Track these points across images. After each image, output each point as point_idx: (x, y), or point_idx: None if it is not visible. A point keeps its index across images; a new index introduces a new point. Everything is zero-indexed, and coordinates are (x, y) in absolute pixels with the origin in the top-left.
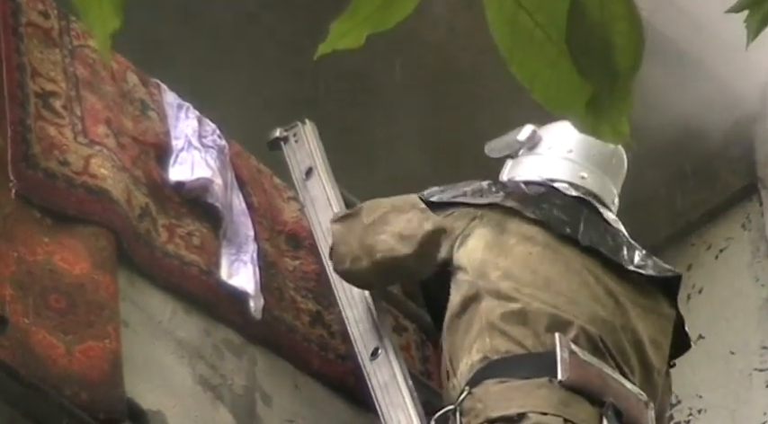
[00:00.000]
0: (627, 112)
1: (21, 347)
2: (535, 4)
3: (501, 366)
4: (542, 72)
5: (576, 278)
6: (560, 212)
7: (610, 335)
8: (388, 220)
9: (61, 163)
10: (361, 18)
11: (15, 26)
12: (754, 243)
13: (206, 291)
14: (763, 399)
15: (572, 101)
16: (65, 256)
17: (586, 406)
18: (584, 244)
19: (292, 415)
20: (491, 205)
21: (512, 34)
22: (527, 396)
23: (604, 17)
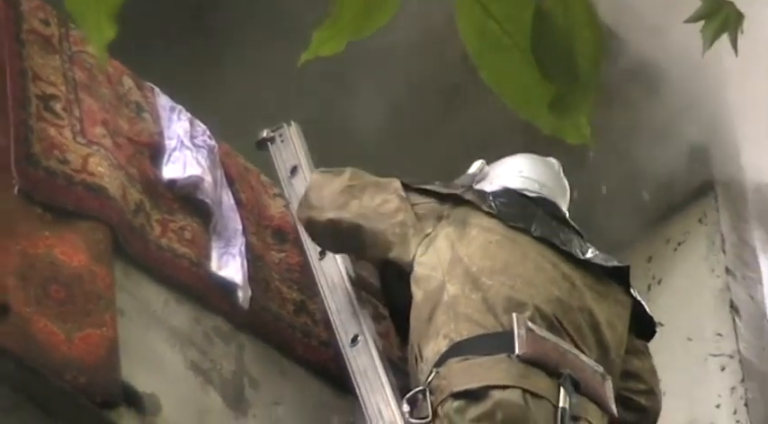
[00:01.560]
0: (588, 113)
1: (23, 334)
2: (502, 14)
3: (464, 346)
4: (509, 76)
5: (532, 264)
6: (514, 209)
7: (566, 314)
8: (368, 191)
9: (61, 161)
10: (342, 26)
11: (18, 33)
12: (710, 237)
13: (197, 282)
14: (717, 382)
15: (537, 102)
16: (64, 249)
17: (544, 378)
18: (536, 235)
19: (278, 398)
20: (453, 196)
21: (481, 41)
22: (488, 371)
23: (567, 25)
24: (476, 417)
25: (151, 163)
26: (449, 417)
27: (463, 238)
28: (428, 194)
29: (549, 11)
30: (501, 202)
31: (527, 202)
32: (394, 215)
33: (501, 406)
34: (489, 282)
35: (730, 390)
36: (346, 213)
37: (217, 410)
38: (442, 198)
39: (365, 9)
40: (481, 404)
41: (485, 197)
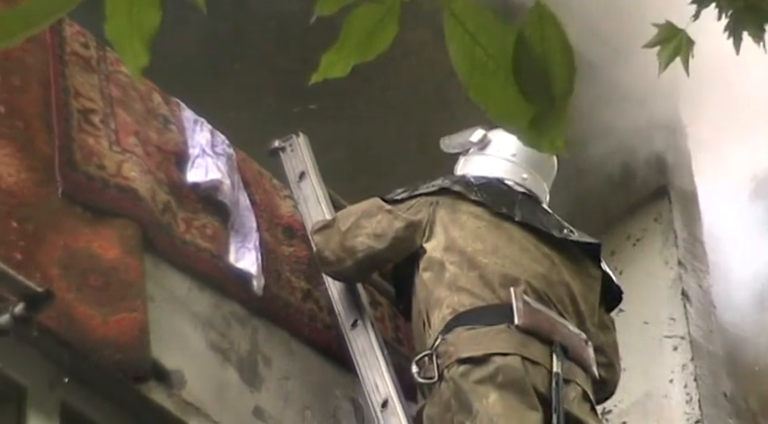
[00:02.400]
0: (563, 128)
1: (65, 317)
2: (487, 41)
3: (468, 316)
4: (494, 95)
5: (517, 246)
6: (497, 197)
7: (550, 288)
8: (361, 224)
9: (98, 167)
10: (348, 51)
11: (61, 55)
12: (665, 234)
13: (217, 272)
14: (670, 360)
15: (518, 119)
16: (101, 243)
17: (539, 345)
18: (518, 219)
19: (287, 374)
20: (441, 189)
21: (469, 64)
22: (491, 340)
23: (544, 50)
24: (479, 379)
25: (177, 168)
26: (454, 379)
27: (455, 222)
28: (416, 196)
29: (528, 38)
30: (485, 191)
31: (510, 191)
32: (389, 227)
33: (502, 370)
34: (485, 261)
35: (682, 367)
36: (360, 253)
37: (234, 384)
38: (430, 194)
39: (368, 36)
40: (484, 368)
41: (470, 186)
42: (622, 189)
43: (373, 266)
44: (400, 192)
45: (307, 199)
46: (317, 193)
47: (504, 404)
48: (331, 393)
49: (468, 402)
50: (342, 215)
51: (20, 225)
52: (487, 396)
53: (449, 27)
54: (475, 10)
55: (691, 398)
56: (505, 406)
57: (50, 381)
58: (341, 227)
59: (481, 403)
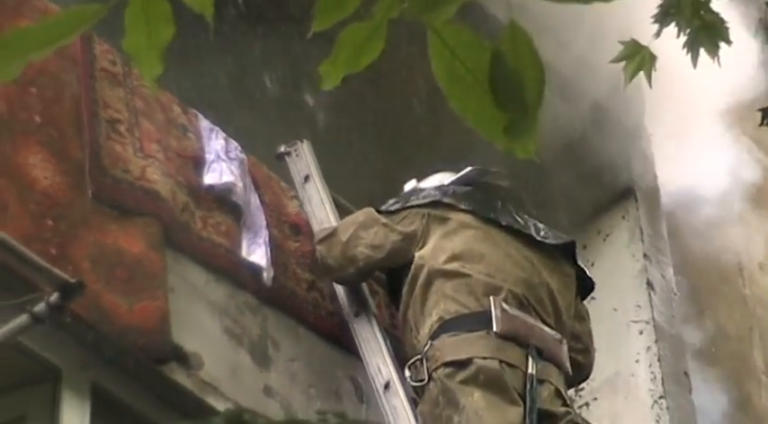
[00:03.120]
0: (534, 135)
1: (94, 305)
2: (466, 56)
3: (452, 323)
4: (472, 104)
5: (502, 252)
6: (483, 203)
7: (530, 291)
8: (360, 235)
9: (124, 171)
10: (340, 63)
11: (91, 71)
12: (631, 230)
13: (230, 265)
14: (636, 343)
15: (493, 126)
16: (127, 239)
17: (516, 349)
18: (504, 224)
19: (294, 356)
20: (433, 202)
21: (449, 78)
22: (471, 345)
23: (517, 65)
24: (463, 379)
25: (194, 172)
26: (441, 379)
27: (445, 233)
28: (410, 208)
29: (503, 54)
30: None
31: (489, 198)
32: (386, 239)
33: (482, 371)
34: (469, 270)
35: (647, 349)
36: (360, 262)
37: (246, 365)
38: (423, 206)
39: (356, 51)
40: (467, 370)
41: (459, 197)
42: (593, 189)
43: (372, 271)
44: (393, 203)
45: (311, 200)
46: (320, 194)
47: (486, 400)
48: (333, 374)
49: (455, 399)
50: (341, 226)
51: (54, 223)
52: (472, 394)
53: (432, 43)
54: (455, 28)
55: (655, 376)
56: (488, 401)
57: (82, 363)
58: (342, 238)
59: (467, 399)
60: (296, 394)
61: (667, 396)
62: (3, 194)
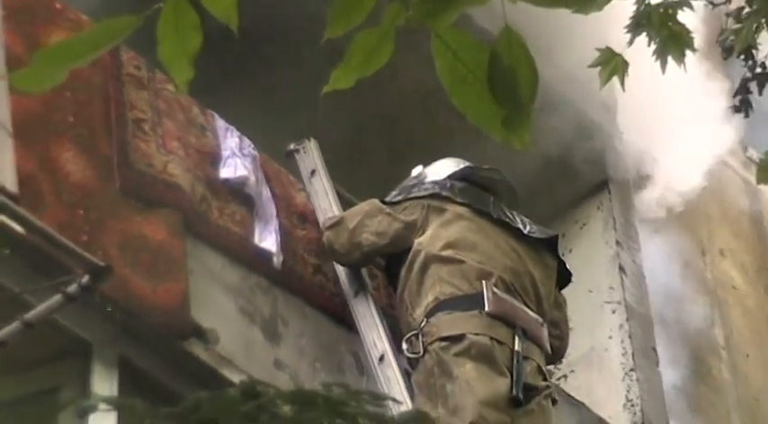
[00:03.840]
0: (529, 127)
1: (121, 287)
2: (467, 58)
3: (447, 303)
4: (472, 101)
5: (492, 242)
6: (476, 197)
7: (516, 278)
8: (365, 223)
9: (148, 166)
10: (352, 67)
11: (119, 75)
12: (605, 220)
13: (244, 251)
14: (609, 321)
15: (492, 120)
16: (150, 228)
17: (504, 328)
18: (495, 217)
19: (301, 333)
20: (432, 195)
21: (452, 76)
22: (465, 323)
23: (512, 65)
24: (456, 352)
25: (211, 167)
26: (436, 352)
27: (442, 223)
28: (411, 199)
29: (499, 55)
30: (467, 193)
31: (482, 193)
32: (389, 227)
33: (474, 345)
34: (463, 257)
35: (619, 326)
36: (365, 247)
37: (258, 341)
38: (423, 197)
39: (367, 56)
40: (460, 344)
41: (455, 190)
42: (571, 182)
43: (375, 256)
44: (395, 195)
45: (317, 192)
46: (325, 187)
47: (478, 371)
48: (337, 349)
49: (449, 369)
50: (348, 214)
51: (85, 213)
52: (465, 365)
53: (435, 46)
54: (456, 32)
55: (626, 351)
56: (479, 372)
57: (111, 338)
58: (348, 225)
59: (460, 370)
60: (303, 367)
61: (637, 369)
62: (40, 186)
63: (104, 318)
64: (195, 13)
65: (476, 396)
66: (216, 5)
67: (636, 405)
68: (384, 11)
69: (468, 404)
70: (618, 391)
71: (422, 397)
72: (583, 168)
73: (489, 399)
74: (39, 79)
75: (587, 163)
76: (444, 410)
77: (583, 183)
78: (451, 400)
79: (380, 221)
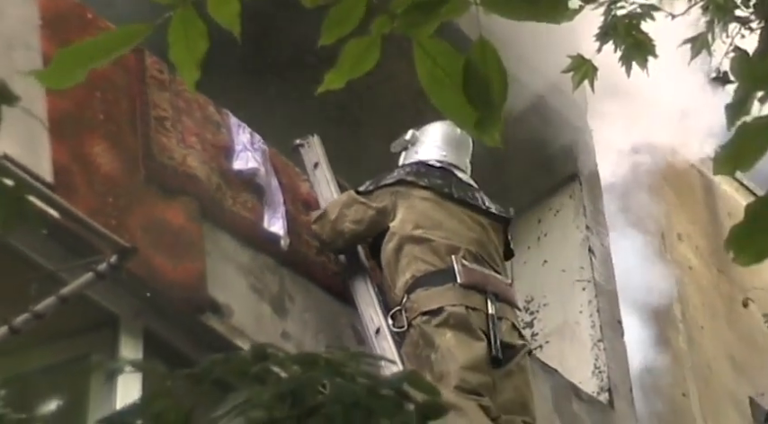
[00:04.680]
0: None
1: (146, 266)
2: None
3: (423, 280)
4: (450, 103)
5: (456, 219)
6: (439, 180)
7: (482, 248)
8: (344, 213)
9: (169, 158)
10: (344, 70)
11: (144, 78)
12: (576, 207)
13: (255, 234)
14: (580, 297)
15: (467, 120)
16: (171, 213)
17: (477, 296)
18: (457, 197)
19: (306, 308)
20: (399, 181)
21: (431, 81)
22: (441, 296)
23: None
24: (437, 324)
25: (225, 159)
26: (419, 325)
27: (410, 206)
28: (381, 188)
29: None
30: (430, 177)
31: (446, 174)
32: (365, 214)
33: (452, 316)
34: (431, 235)
35: (588, 302)
36: (347, 234)
37: (267, 315)
38: (390, 185)
39: (357, 59)
40: (439, 316)
41: (420, 175)
42: (546, 174)
43: (357, 242)
44: (368, 185)
45: (319, 182)
46: (327, 178)
47: (457, 338)
48: (337, 322)
49: (431, 340)
50: (329, 207)
51: (113, 200)
52: (445, 334)
53: (417, 54)
54: (436, 42)
55: (594, 324)
56: (458, 339)
57: (136, 312)
58: (330, 217)
59: (441, 339)
60: (307, 339)
61: (604, 340)
62: (74, 177)
63: (130, 293)
64: (202, 22)
65: (457, 362)
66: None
67: (603, 372)
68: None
69: (451, 370)
70: (587, 359)
71: (411, 367)
72: (557, 162)
73: (470, 363)
74: (61, 77)
75: (561, 157)
76: (431, 377)
77: (557, 175)
78: (436, 368)
79: (356, 210)
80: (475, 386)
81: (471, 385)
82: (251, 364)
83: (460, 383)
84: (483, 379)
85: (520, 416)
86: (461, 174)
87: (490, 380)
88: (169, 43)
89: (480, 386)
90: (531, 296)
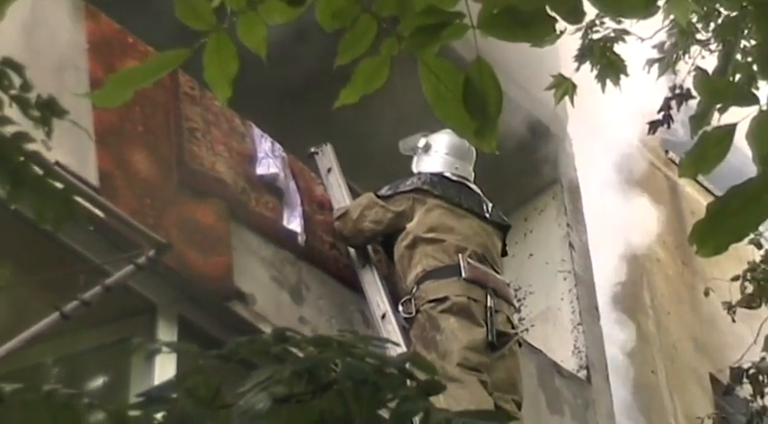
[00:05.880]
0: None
1: (178, 260)
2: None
3: (433, 273)
4: (451, 114)
5: (465, 224)
6: (451, 190)
7: (486, 251)
8: (365, 214)
9: (200, 165)
10: (358, 86)
11: (177, 94)
12: (558, 207)
13: (275, 231)
14: (561, 286)
15: (466, 129)
16: (202, 213)
17: (478, 289)
18: (466, 207)
19: (321, 296)
20: (415, 189)
21: (435, 95)
22: (447, 287)
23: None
24: (442, 310)
25: (250, 165)
26: (427, 311)
27: (425, 211)
28: (399, 193)
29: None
30: (443, 188)
31: (457, 185)
32: (384, 216)
33: (456, 304)
34: (444, 237)
35: (569, 291)
36: (367, 232)
37: (286, 302)
38: (408, 191)
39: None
40: (445, 304)
41: (434, 184)
42: (532, 178)
43: (375, 239)
44: (387, 189)
45: (332, 186)
46: (339, 182)
47: (459, 323)
48: (348, 308)
49: (437, 323)
50: (351, 207)
51: (151, 201)
52: (449, 319)
53: (422, 71)
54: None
55: (574, 310)
56: (460, 324)
57: (171, 300)
58: (352, 216)
59: (445, 323)
60: (322, 323)
61: (583, 324)
62: (116, 182)
63: (166, 284)
64: (233, 46)
65: (460, 343)
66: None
67: (582, 352)
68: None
69: (455, 349)
70: (568, 341)
71: (418, 346)
72: (541, 167)
73: (470, 345)
74: (111, 97)
75: (544, 162)
76: (436, 356)
77: (541, 179)
78: (441, 347)
79: (376, 212)
80: (475, 364)
81: (472, 363)
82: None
83: (462, 360)
84: (482, 359)
85: (510, 394)
86: (471, 185)
87: (488, 360)
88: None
89: (480, 365)
90: (519, 285)
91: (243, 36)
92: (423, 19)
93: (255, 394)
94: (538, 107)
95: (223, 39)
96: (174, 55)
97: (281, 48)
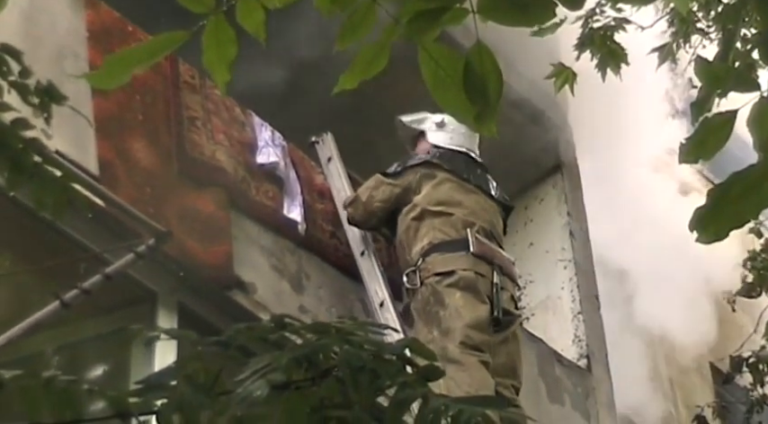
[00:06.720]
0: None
1: (179, 248)
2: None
3: (439, 247)
4: (451, 100)
5: (473, 200)
6: (460, 165)
7: (492, 227)
8: (373, 195)
9: (200, 154)
10: (356, 72)
11: (177, 83)
12: (559, 196)
13: (276, 220)
14: (561, 275)
15: (466, 114)
16: (202, 202)
17: (486, 265)
18: (474, 183)
19: (320, 284)
20: (424, 162)
21: (434, 80)
22: (455, 261)
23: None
24: (448, 284)
25: (250, 154)
26: (432, 284)
27: (434, 185)
28: (408, 168)
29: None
30: (452, 162)
31: (466, 160)
32: (391, 193)
33: (462, 278)
34: (452, 211)
35: (569, 279)
36: (379, 212)
37: (287, 292)
38: (417, 165)
39: (368, 64)
40: (451, 278)
41: (443, 158)
42: (532, 167)
43: (387, 216)
44: (396, 166)
45: (332, 175)
46: (339, 171)
47: (464, 299)
48: (347, 297)
49: (441, 298)
50: (360, 191)
51: (151, 190)
52: (454, 294)
53: (422, 57)
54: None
55: (574, 298)
56: (465, 300)
57: (172, 289)
58: (362, 200)
59: (451, 299)
60: (322, 311)
61: (583, 312)
62: (117, 171)
63: (166, 272)
64: (232, 29)
65: (463, 320)
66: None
67: (582, 340)
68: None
69: (458, 327)
70: (568, 329)
71: (420, 322)
72: (542, 155)
73: (474, 323)
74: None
75: (545, 151)
76: (438, 332)
77: (542, 168)
78: (444, 324)
79: (383, 190)
80: (477, 343)
81: (474, 342)
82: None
83: (465, 339)
84: (484, 338)
85: (510, 380)
86: (480, 162)
87: (490, 339)
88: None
89: (482, 344)
90: (519, 274)
91: (242, 20)
92: (422, 3)
93: (254, 381)
94: (538, 96)
95: (221, 23)
96: (171, 37)
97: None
